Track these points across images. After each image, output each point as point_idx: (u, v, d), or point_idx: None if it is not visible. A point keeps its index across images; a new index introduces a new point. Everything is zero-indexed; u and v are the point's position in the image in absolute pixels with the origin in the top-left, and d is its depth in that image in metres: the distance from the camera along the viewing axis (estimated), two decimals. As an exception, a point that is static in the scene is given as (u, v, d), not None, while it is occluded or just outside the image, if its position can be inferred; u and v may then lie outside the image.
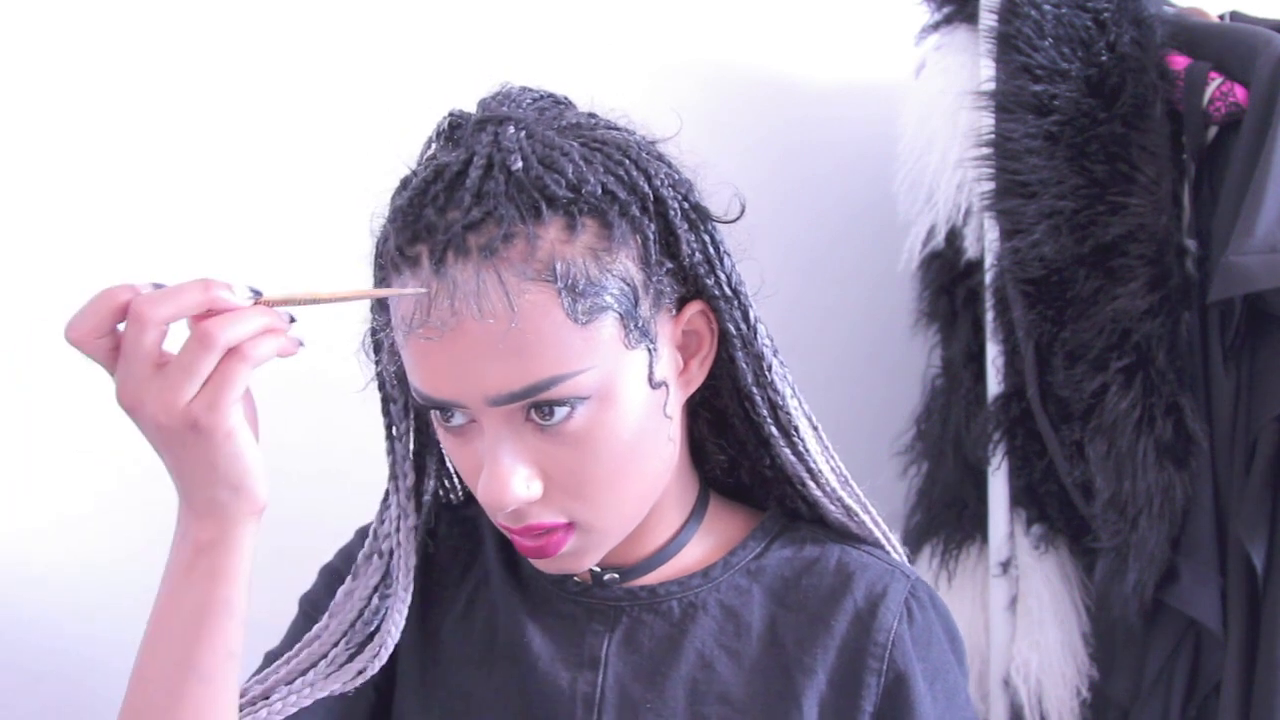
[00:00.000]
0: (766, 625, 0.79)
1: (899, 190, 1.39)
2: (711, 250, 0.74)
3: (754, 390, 0.77)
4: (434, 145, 0.74)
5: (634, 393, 0.71)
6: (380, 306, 0.76)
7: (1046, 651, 1.32)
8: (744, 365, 0.77)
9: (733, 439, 0.83)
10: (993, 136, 1.26)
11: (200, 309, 0.64)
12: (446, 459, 0.87)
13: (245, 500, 0.68)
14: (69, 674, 1.24)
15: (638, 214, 0.70)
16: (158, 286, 0.65)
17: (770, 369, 0.77)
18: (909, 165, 1.37)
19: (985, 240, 1.31)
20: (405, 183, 0.72)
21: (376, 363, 0.80)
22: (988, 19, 1.28)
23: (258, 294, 0.66)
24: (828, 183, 1.52)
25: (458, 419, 0.71)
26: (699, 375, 0.77)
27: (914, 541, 1.43)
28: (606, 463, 0.71)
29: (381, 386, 0.81)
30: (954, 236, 1.35)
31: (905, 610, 0.78)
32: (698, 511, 0.83)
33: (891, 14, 1.41)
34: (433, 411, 0.72)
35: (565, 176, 0.68)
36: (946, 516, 1.41)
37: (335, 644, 0.81)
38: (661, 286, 0.72)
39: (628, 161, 0.71)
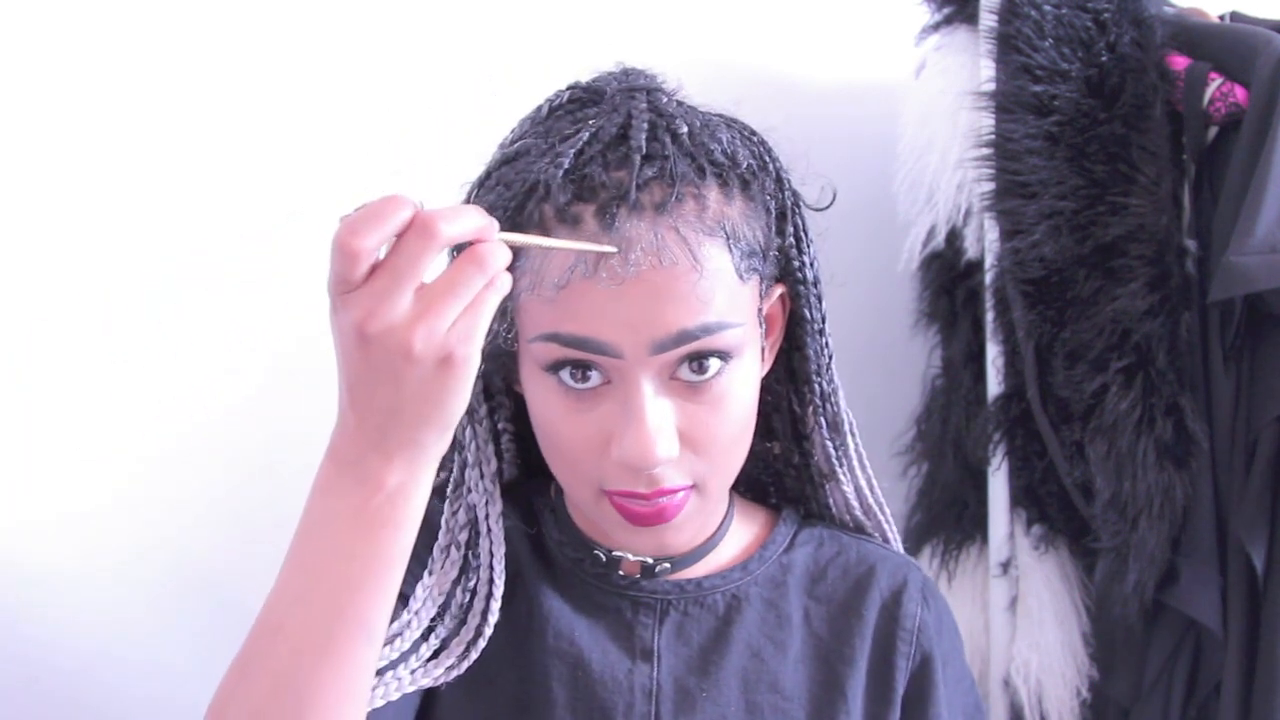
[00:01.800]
0: (802, 617, 0.82)
1: (899, 190, 1.38)
2: (803, 234, 0.78)
3: (815, 378, 0.81)
4: (541, 119, 0.73)
5: (753, 361, 0.74)
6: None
7: (1046, 651, 1.32)
8: (811, 352, 0.80)
9: (768, 433, 0.85)
10: (993, 137, 1.26)
11: (475, 235, 0.60)
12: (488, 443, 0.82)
13: (443, 443, 0.63)
14: (69, 672, 1.24)
15: (769, 190, 0.74)
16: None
17: (832, 360, 0.81)
18: (909, 165, 1.37)
19: (985, 240, 1.31)
20: (515, 154, 0.72)
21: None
22: (988, 19, 1.28)
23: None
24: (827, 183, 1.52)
25: (594, 379, 0.70)
26: (768, 361, 0.80)
27: (914, 542, 1.43)
28: (733, 425, 0.73)
29: None
30: (954, 237, 1.35)
31: (923, 597, 0.83)
32: (731, 507, 0.85)
33: (891, 14, 1.41)
34: (554, 374, 0.71)
35: (721, 145, 0.71)
36: (946, 517, 1.41)
37: (423, 638, 0.77)
38: (772, 264, 0.76)
39: (755, 140, 0.76)
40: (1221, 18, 1.34)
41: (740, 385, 0.73)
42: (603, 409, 0.71)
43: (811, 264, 0.79)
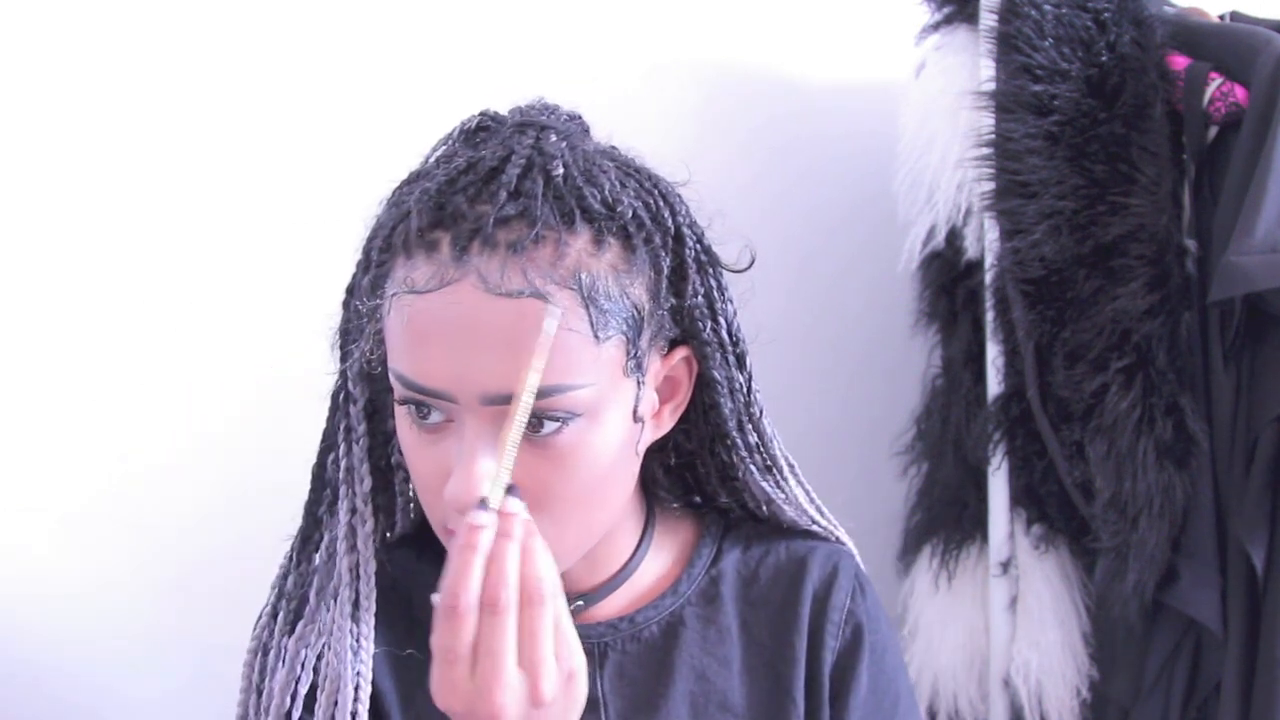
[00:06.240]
0: (741, 626, 0.81)
1: (899, 190, 1.38)
2: (715, 295, 0.75)
3: (735, 434, 0.78)
4: (453, 141, 0.73)
5: (618, 421, 0.71)
6: (370, 294, 0.71)
7: (1046, 651, 1.32)
8: (727, 410, 0.77)
9: (695, 475, 0.84)
10: (993, 136, 1.26)
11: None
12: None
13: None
14: (69, 671, 1.24)
15: (658, 245, 0.71)
16: None
17: (761, 414, 0.79)
18: (909, 165, 1.37)
19: (985, 240, 1.31)
20: (417, 174, 0.72)
21: (344, 358, 0.76)
22: (988, 19, 1.28)
23: (484, 506, 0.62)
24: (828, 183, 1.52)
25: (434, 416, 0.68)
26: (668, 422, 0.77)
27: (914, 541, 1.43)
28: (579, 484, 0.70)
29: (343, 384, 0.77)
30: (954, 236, 1.35)
31: (857, 583, 0.82)
32: (648, 531, 0.83)
33: (891, 14, 1.41)
34: (403, 406, 0.70)
35: (602, 192, 0.68)
36: (946, 516, 1.41)
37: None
38: (661, 323, 0.72)
39: (656, 192, 0.72)
40: (1221, 18, 1.34)
41: (594, 445, 0.69)
42: (446, 444, 0.69)
43: (727, 325, 0.75)
